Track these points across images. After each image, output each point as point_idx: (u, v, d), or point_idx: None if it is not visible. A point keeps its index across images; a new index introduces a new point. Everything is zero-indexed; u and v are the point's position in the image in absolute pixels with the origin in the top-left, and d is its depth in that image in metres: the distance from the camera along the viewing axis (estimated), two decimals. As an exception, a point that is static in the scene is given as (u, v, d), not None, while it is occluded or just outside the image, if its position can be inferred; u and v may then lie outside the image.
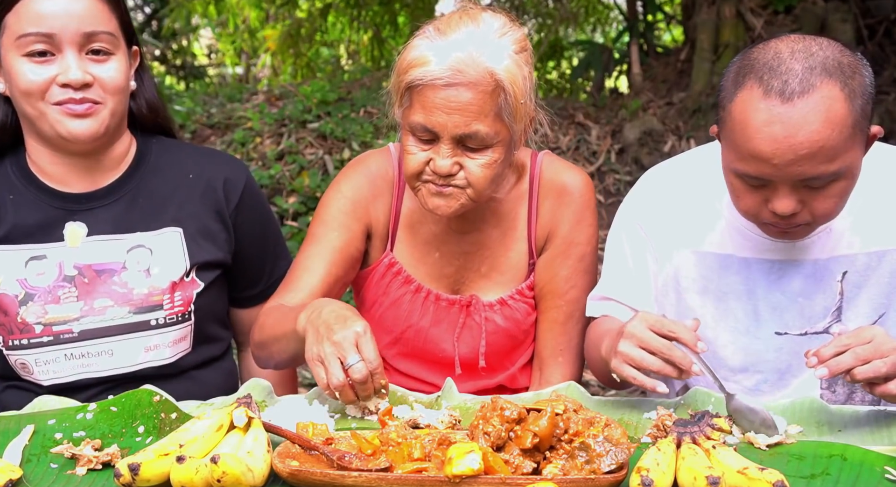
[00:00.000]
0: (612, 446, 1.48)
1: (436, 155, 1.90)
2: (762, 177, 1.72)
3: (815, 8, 6.54)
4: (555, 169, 2.13)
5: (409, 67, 1.88)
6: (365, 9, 8.44)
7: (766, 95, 1.68)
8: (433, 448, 1.54)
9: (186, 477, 1.44)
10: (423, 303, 2.13)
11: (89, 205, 2.00)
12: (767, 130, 1.67)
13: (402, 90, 1.91)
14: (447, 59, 1.84)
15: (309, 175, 5.79)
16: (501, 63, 1.86)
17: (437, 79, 1.84)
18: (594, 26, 9.26)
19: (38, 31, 1.85)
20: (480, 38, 1.87)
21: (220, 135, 6.32)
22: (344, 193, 2.11)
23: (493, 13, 1.94)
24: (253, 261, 2.17)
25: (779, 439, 1.62)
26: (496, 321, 2.13)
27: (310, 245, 2.09)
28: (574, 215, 2.11)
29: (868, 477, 1.48)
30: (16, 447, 1.62)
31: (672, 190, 2.02)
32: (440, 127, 1.87)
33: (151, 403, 1.73)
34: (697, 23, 6.76)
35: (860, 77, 1.70)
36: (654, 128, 6.33)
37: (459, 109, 1.85)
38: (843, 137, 1.67)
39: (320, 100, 6.55)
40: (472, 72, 1.84)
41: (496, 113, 1.87)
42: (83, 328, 1.96)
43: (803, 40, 1.73)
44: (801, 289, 1.91)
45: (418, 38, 1.91)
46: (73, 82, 1.86)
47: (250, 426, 1.57)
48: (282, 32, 8.52)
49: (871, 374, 1.57)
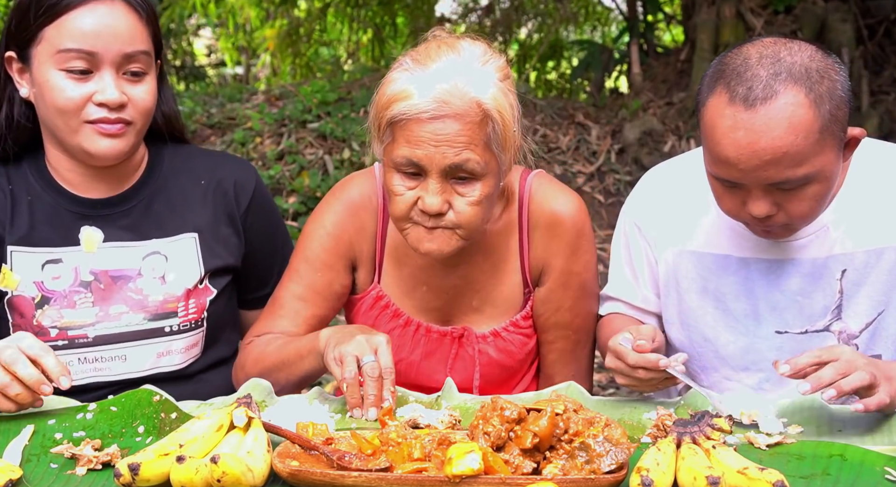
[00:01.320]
0: (612, 446, 1.48)
1: (424, 192, 1.82)
2: (733, 181, 1.74)
3: (815, 8, 6.54)
4: (544, 196, 2.03)
5: (390, 102, 1.79)
6: (364, 8, 8.45)
7: (731, 102, 1.70)
8: (433, 448, 1.54)
9: (186, 477, 1.44)
10: (413, 336, 2.08)
11: (105, 211, 2.01)
12: (732, 136, 1.69)
13: (383, 126, 1.83)
14: (431, 90, 1.76)
15: (309, 175, 5.79)
16: (487, 92, 1.79)
17: (422, 112, 1.76)
18: (594, 26, 9.25)
19: (81, 48, 1.84)
20: (464, 67, 1.80)
21: (220, 135, 6.32)
22: (326, 228, 2.04)
23: (471, 40, 1.87)
24: (263, 262, 2.17)
25: (779, 439, 1.63)
26: (489, 353, 2.07)
27: (291, 282, 2.04)
28: (568, 247, 2.02)
29: (868, 477, 1.48)
30: (16, 447, 1.62)
31: (670, 191, 2.03)
32: (427, 160, 1.79)
33: (151, 403, 1.73)
34: (697, 23, 6.76)
35: (829, 81, 1.70)
36: (654, 128, 6.33)
37: (448, 141, 1.77)
38: (809, 142, 1.68)
39: (320, 100, 6.55)
40: (458, 102, 1.76)
41: (485, 143, 1.80)
42: (98, 333, 1.96)
43: (774, 45, 1.74)
44: (801, 288, 1.91)
45: (396, 70, 1.83)
46: (110, 102, 1.86)
47: (250, 426, 1.57)
48: (280, 32, 8.52)
49: (857, 383, 1.57)
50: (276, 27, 8.60)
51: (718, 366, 2.00)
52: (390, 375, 1.71)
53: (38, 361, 1.67)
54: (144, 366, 1.99)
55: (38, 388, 1.65)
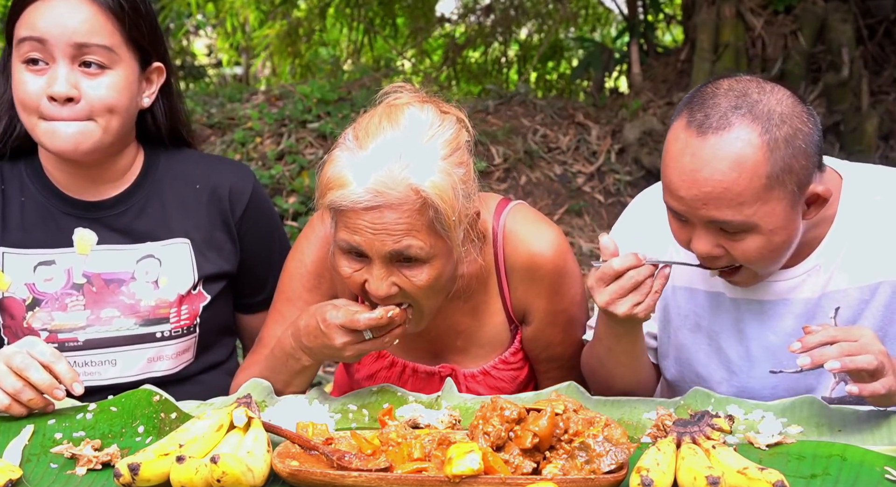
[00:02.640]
0: (612, 446, 1.48)
1: (369, 276, 1.75)
2: (678, 212, 1.71)
3: (815, 8, 6.53)
4: (519, 238, 1.93)
5: (327, 189, 1.71)
6: (364, 8, 8.44)
7: (687, 126, 1.67)
8: (433, 448, 1.54)
9: (186, 477, 1.44)
10: (400, 377, 2.03)
11: (99, 213, 1.99)
12: (679, 160, 1.67)
13: (324, 208, 1.76)
14: (367, 180, 1.67)
15: (309, 175, 5.79)
16: (427, 179, 1.68)
17: (356, 203, 1.68)
18: (594, 26, 9.25)
19: (31, 35, 1.83)
20: (402, 148, 1.69)
21: (220, 135, 6.32)
22: (306, 265, 1.98)
23: (420, 106, 1.76)
24: (260, 267, 2.14)
25: (779, 439, 1.63)
26: (480, 391, 2.00)
27: (276, 324, 1.99)
28: (549, 288, 1.95)
29: (868, 477, 1.48)
30: (16, 447, 1.62)
31: (659, 225, 1.92)
32: (367, 246, 1.71)
33: (151, 403, 1.73)
34: (697, 23, 6.75)
35: (790, 129, 1.64)
36: (654, 128, 6.32)
37: (385, 230, 1.69)
38: (753, 185, 1.63)
39: (320, 100, 6.56)
40: (393, 193, 1.67)
41: (428, 227, 1.71)
42: (88, 337, 1.95)
43: (749, 82, 1.69)
44: (794, 329, 1.85)
45: (339, 148, 1.74)
46: (56, 95, 1.82)
47: (250, 426, 1.57)
48: (280, 32, 8.52)
49: (855, 366, 1.55)
50: (275, 28, 8.60)
51: None
52: None
53: (51, 367, 1.67)
54: (135, 371, 1.98)
55: (52, 393, 1.67)
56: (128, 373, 1.98)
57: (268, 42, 8.66)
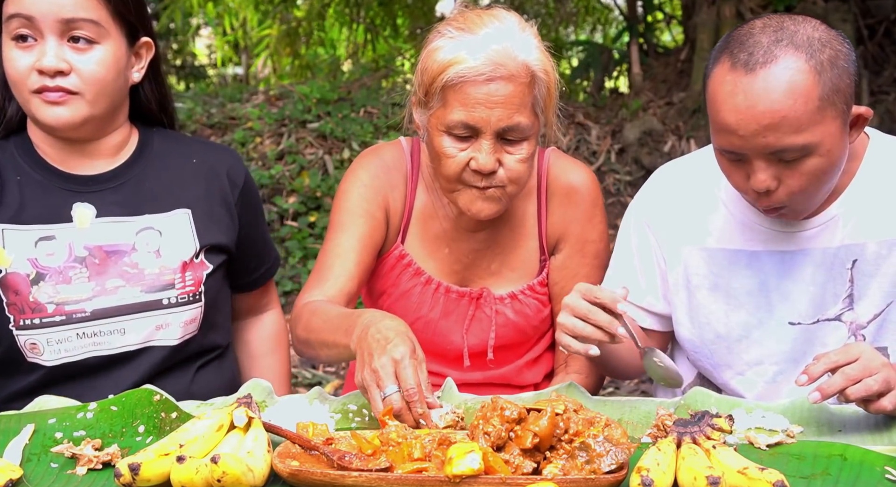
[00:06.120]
0: (612, 446, 1.48)
1: (477, 152, 1.90)
2: (735, 151, 1.74)
3: (815, 8, 6.54)
4: (561, 167, 2.14)
5: (444, 67, 1.86)
6: (363, 8, 8.44)
7: (732, 68, 1.71)
8: (433, 448, 1.54)
9: (186, 477, 1.44)
10: (433, 295, 2.14)
11: (95, 187, 2.01)
12: (732, 101, 1.70)
13: (434, 91, 1.89)
14: (485, 53, 1.84)
15: (309, 175, 5.79)
16: (532, 55, 1.89)
17: (479, 74, 1.84)
18: (594, 26, 9.26)
19: (19, 12, 1.86)
20: (508, 33, 1.88)
21: (220, 135, 6.32)
22: (363, 180, 2.11)
23: (505, 10, 1.96)
24: (254, 247, 2.21)
25: (779, 439, 1.63)
26: (507, 314, 2.14)
27: (337, 234, 2.08)
28: (584, 214, 2.13)
29: (868, 477, 1.49)
30: (16, 446, 1.62)
31: (679, 188, 2.04)
32: (483, 122, 1.87)
33: (151, 402, 1.73)
34: (697, 23, 6.76)
35: (832, 51, 1.70)
36: (654, 128, 6.33)
37: (502, 103, 1.85)
38: (809, 108, 1.67)
39: (320, 100, 6.56)
40: (511, 65, 1.85)
41: (532, 105, 1.90)
42: (95, 307, 1.96)
43: (780, 17, 1.76)
44: (812, 277, 1.92)
45: (440, 39, 1.90)
46: (45, 69, 1.85)
47: (250, 426, 1.57)
48: (279, 32, 8.52)
49: (863, 393, 1.57)
50: (274, 28, 8.60)
51: (732, 362, 2.01)
52: (415, 395, 1.62)
53: None
54: (142, 339, 1.99)
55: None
56: (135, 341, 1.99)
57: (268, 42, 8.66)
